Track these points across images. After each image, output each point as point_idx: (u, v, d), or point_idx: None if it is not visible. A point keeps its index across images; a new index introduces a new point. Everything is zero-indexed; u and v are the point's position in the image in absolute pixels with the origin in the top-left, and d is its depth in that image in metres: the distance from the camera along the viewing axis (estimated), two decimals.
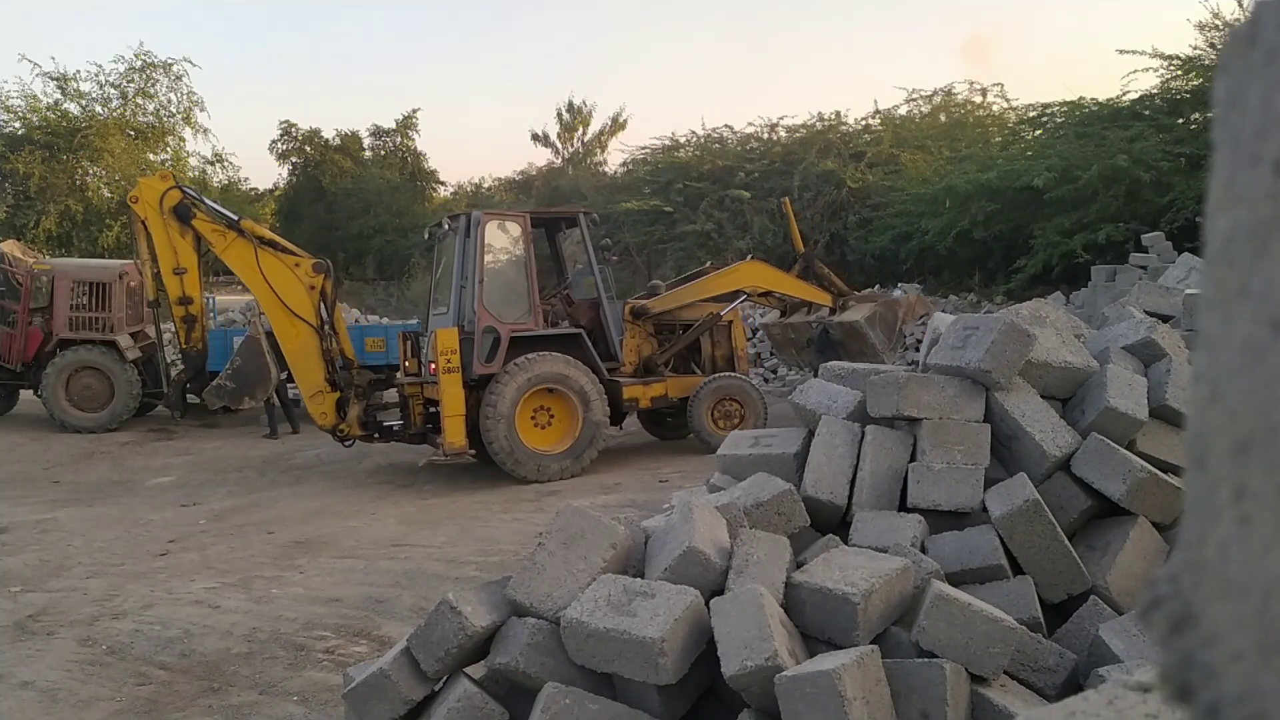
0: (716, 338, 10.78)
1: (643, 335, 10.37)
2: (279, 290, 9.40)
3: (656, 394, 10.13)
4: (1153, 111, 13.29)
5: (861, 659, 2.52)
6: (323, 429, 9.73)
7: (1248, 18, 0.44)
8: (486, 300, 9.22)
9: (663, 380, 10.19)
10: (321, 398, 9.50)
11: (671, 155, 21.61)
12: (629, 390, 9.88)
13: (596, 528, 3.14)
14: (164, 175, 9.94)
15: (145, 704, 4.39)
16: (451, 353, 8.91)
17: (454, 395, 8.94)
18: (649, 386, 10.08)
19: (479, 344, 9.15)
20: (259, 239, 9.50)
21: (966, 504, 3.45)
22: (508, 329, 9.27)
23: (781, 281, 10.99)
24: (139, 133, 23.29)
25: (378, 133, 32.09)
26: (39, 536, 7.72)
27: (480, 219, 9.38)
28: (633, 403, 10.00)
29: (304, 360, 9.51)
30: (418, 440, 9.95)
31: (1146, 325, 4.13)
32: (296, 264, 9.54)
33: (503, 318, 9.31)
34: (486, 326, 9.18)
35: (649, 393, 10.07)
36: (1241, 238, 0.42)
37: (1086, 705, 0.92)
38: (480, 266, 9.21)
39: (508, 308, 9.43)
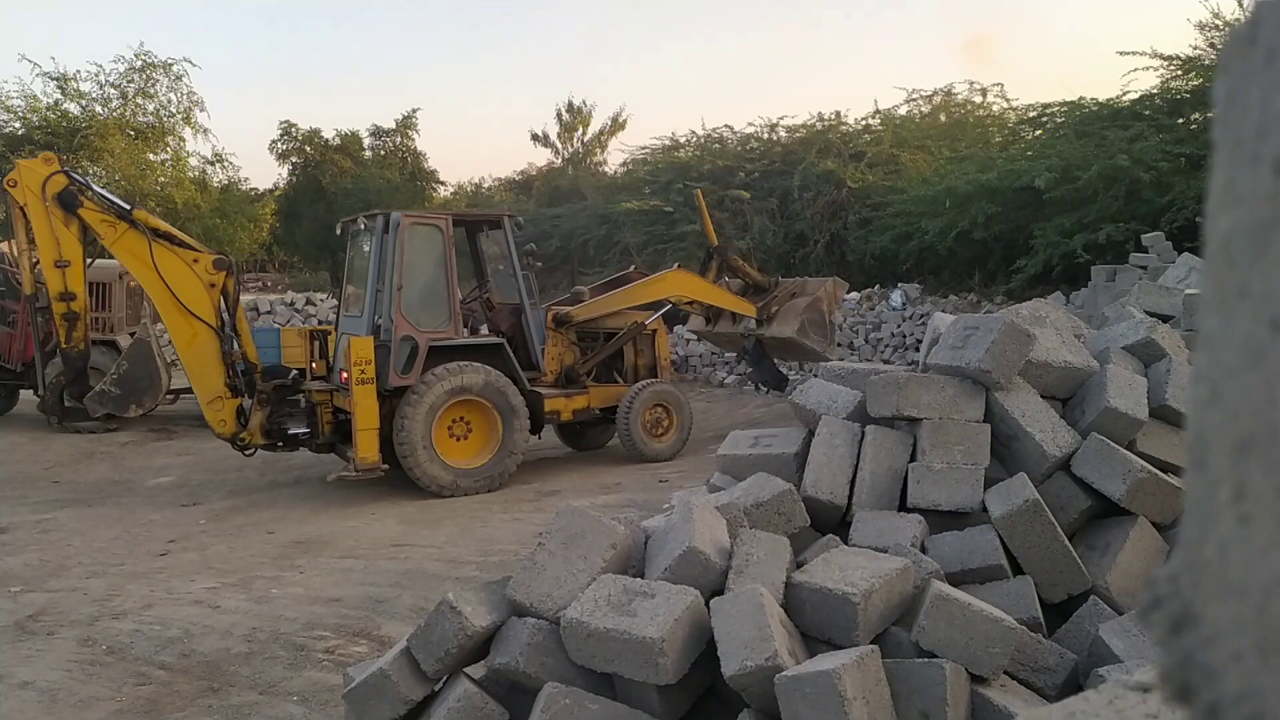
0: (640, 346, 10.58)
1: (565, 344, 10.05)
2: (174, 287, 8.69)
3: (579, 406, 9.83)
4: (1153, 111, 13.29)
5: (861, 659, 2.52)
6: (220, 437, 9.03)
7: (1248, 18, 0.44)
8: (405, 308, 8.79)
9: (585, 391, 9.90)
10: (220, 404, 8.85)
11: (671, 155, 21.60)
12: (551, 402, 9.54)
13: (596, 528, 3.14)
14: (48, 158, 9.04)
15: (145, 704, 4.39)
16: (366, 363, 8.43)
17: (367, 408, 8.46)
18: (571, 398, 9.77)
19: (395, 353, 8.70)
20: (153, 231, 8.76)
21: (966, 504, 3.45)
22: (426, 337, 8.86)
23: (707, 292, 10.69)
24: (139, 133, 23.26)
25: (378, 133, 32.05)
26: (39, 536, 7.72)
27: (400, 221, 8.97)
28: (554, 415, 9.68)
29: (201, 364, 8.81)
30: (325, 450, 9.44)
31: (1146, 325, 4.13)
32: (195, 259, 8.86)
33: (421, 325, 8.91)
34: (404, 335, 8.76)
35: (571, 404, 9.78)
36: (1241, 238, 0.42)
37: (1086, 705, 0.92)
38: (399, 272, 8.78)
39: (427, 315, 9.02)
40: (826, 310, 10.59)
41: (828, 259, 17.98)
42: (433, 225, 9.29)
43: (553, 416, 9.69)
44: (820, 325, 10.55)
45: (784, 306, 10.69)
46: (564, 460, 10.67)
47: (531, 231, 22.53)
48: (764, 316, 10.66)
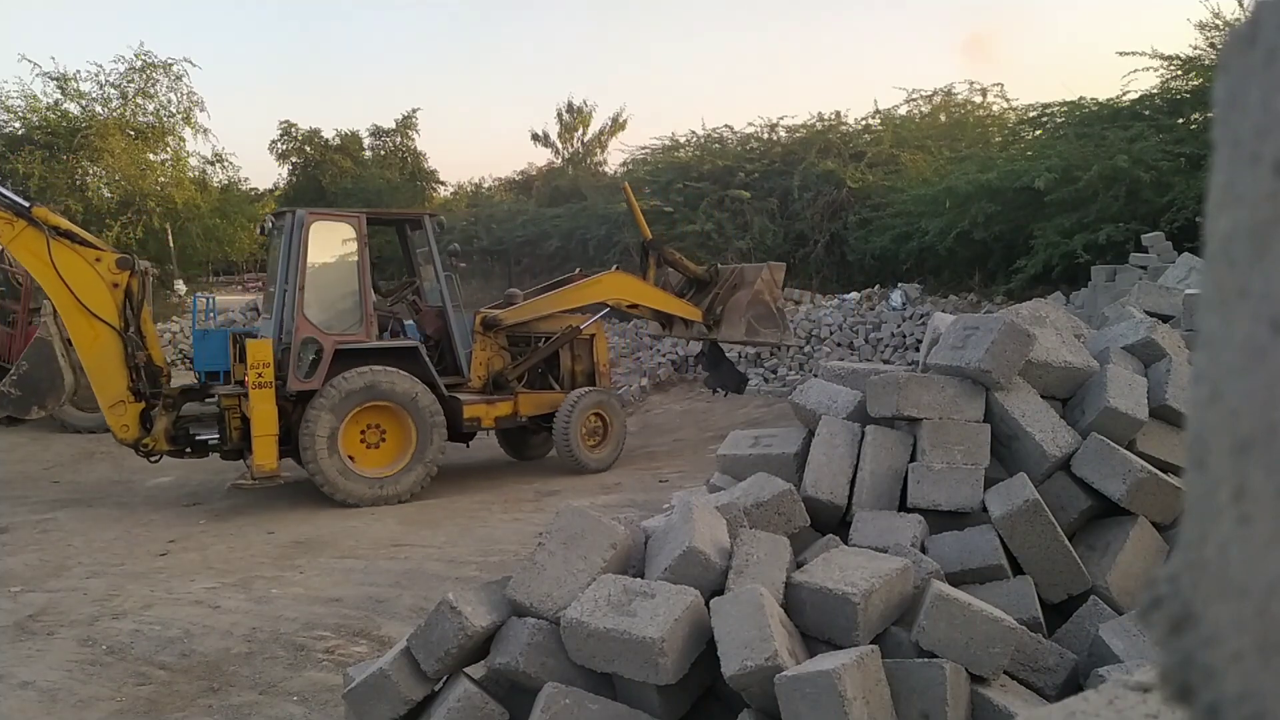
0: (577, 352, 10.20)
1: (494, 348, 9.65)
2: (75, 287, 8.32)
3: (502, 413, 9.42)
4: (1153, 111, 13.29)
5: (861, 659, 2.52)
6: (123, 443, 8.72)
7: (1248, 18, 0.44)
8: (308, 309, 8.55)
9: (510, 398, 9.50)
10: (122, 409, 8.52)
11: (671, 155, 21.59)
12: (470, 408, 9.16)
13: (596, 528, 3.14)
14: None
15: (145, 704, 4.39)
16: (264, 366, 8.24)
17: (265, 413, 8.23)
18: (493, 405, 9.36)
19: (295, 356, 8.45)
20: (54, 229, 8.36)
21: (966, 504, 3.45)
22: (333, 340, 8.58)
23: (647, 295, 10.16)
24: (139, 133, 23.26)
25: (378, 133, 32.07)
26: (39, 536, 7.72)
27: (304, 220, 8.69)
28: (474, 421, 9.27)
29: (103, 367, 8.48)
30: (234, 457, 9.13)
31: (1146, 325, 4.13)
32: (97, 258, 8.50)
33: (329, 328, 8.66)
34: (306, 338, 8.50)
35: (493, 411, 9.36)
36: (1241, 238, 0.42)
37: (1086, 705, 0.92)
38: (302, 272, 8.52)
39: (336, 317, 8.78)
40: (770, 300, 10.13)
41: (828, 259, 17.97)
42: (344, 224, 9.04)
43: (472, 423, 9.28)
44: (768, 317, 10.13)
45: (728, 306, 10.20)
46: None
47: (532, 231, 22.53)
48: (710, 321, 10.21)
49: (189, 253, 23.74)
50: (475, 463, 10.64)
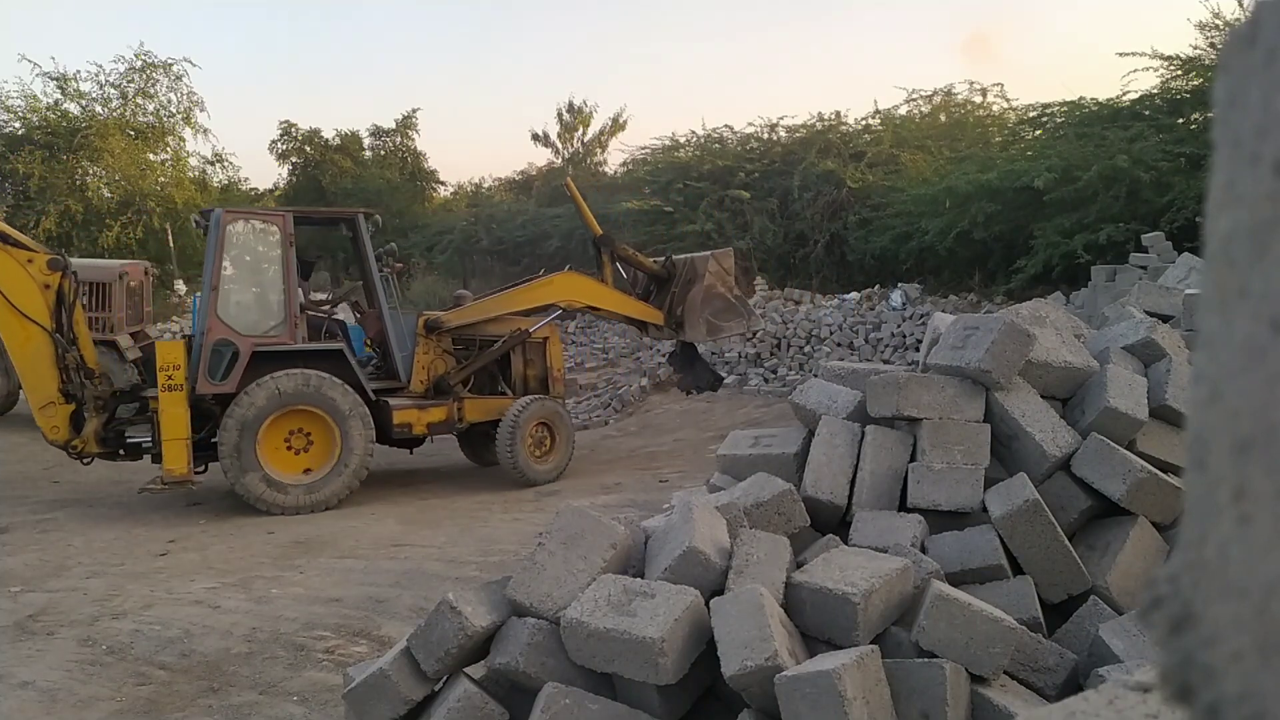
0: (529, 356, 9.76)
1: (437, 352, 9.28)
2: (6, 288, 8.23)
3: (435, 418, 9.03)
4: (1153, 111, 13.29)
5: (861, 659, 2.52)
6: (53, 444, 8.58)
7: (1248, 18, 0.44)
8: (226, 309, 8.40)
9: (444, 403, 9.08)
10: (53, 410, 8.38)
11: (671, 155, 21.59)
12: (401, 413, 8.82)
13: (596, 528, 3.14)
14: None
15: (145, 704, 4.39)
16: (174, 368, 8.11)
17: (175, 416, 8.10)
18: (425, 410, 8.97)
19: (205, 358, 8.26)
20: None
21: (966, 504, 3.46)
22: (250, 342, 8.38)
23: (601, 296, 9.65)
24: (139, 133, 23.27)
25: (378, 133, 32.09)
26: (39, 536, 7.72)
27: (221, 218, 8.51)
28: (405, 427, 8.88)
29: (34, 368, 8.36)
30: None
31: (1146, 325, 4.13)
32: (29, 259, 8.38)
33: (250, 329, 8.47)
34: (219, 339, 8.31)
35: (425, 417, 8.98)
36: (1241, 238, 0.42)
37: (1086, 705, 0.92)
38: (215, 272, 8.37)
39: (257, 318, 8.57)
40: (725, 289, 9.61)
41: (828, 259, 17.97)
42: (266, 224, 8.82)
43: (403, 430, 8.88)
44: (727, 309, 9.62)
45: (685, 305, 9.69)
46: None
47: (532, 231, 22.52)
48: (674, 324, 9.76)
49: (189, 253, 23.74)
50: (474, 462, 10.65)
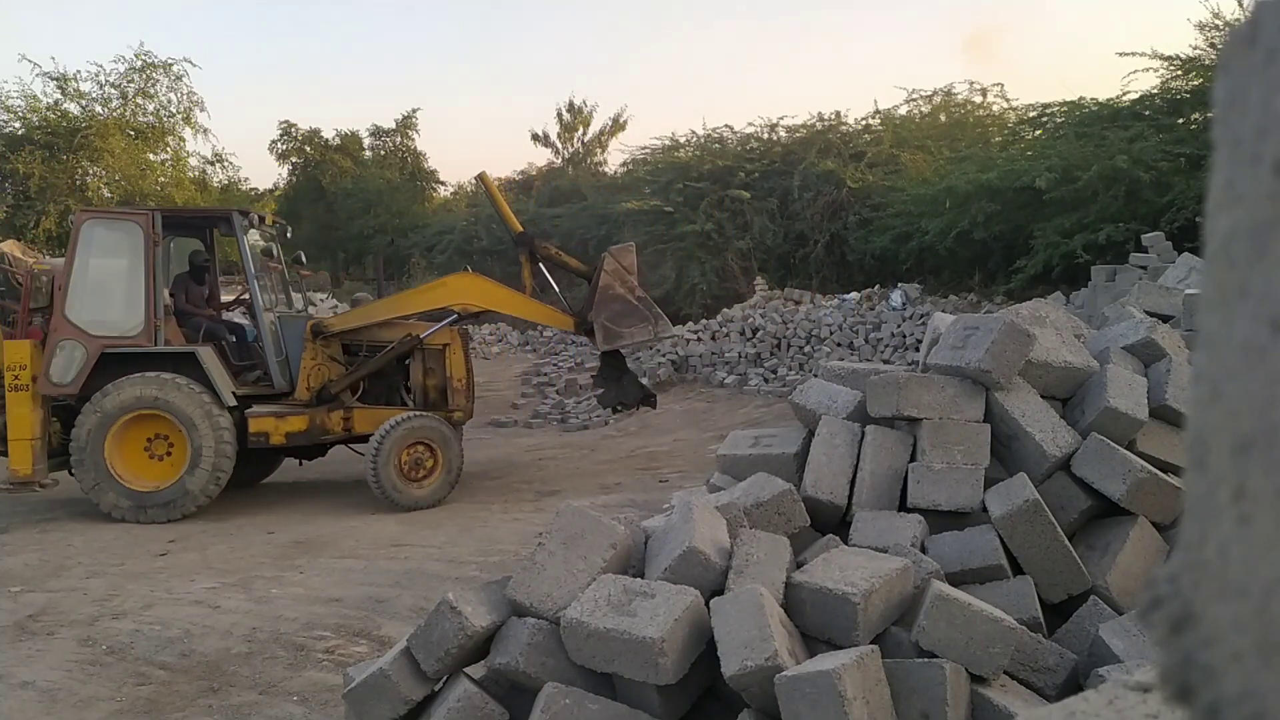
0: (429, 365, 9.06)
1: (323, 358, 8.82)
2: None
3: (294, 428, 8.49)
4: (1153, 112, 13.29)
5: (861, 659, 2.52)
6: None
7: (1248, 18, 0.44)
8: (71, 310, 8.18)
9: (306, 413, 8.56)
10: None
11: (671, 155, 21.60)
12: (257, 422, 8.36)
13: (596, 528, 3.14)
14: None
15: (145, 704, 4.39)
16: (20, 368, 7.97)
17: (19, 417, 7.95)
18: (283, 419, 8.47)
19: (49, 359, 8.09)
20: None
21: (966, 504, 3.45)
22: (99, 344, 8.15)
23: (499, 299, 8.98)
24: (139, 133, 23.27)
25: (378, 133, 32.12)
26: (39, 536, 7.72)
27: (77, 218, 8.37)
28: (261, 437, 8.40)
29: None
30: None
31: (1146, 325, 4.13)
32: None
33: (102, 331, 8.24)
34: (63, 339, 8.13)
35: (284, 426, 8.46)
36: (1241, 238, 0.42)
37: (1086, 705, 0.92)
38: (66, 272, 8.21)
39: (111, 320, 8.32)
40: (624, 290, 8.67)
41: (828, 259, 17.98)
42: (127, 223, 8.53)
43: (259, 438, 8.41)
44: (627, 313, 8.62)
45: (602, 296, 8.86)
46: (564, 460, 10.68)
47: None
48: (585, 329, 8.95)
49: None
50: (475, 463, 10.65)
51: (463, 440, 9.64)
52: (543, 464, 10.52)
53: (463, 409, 9.06)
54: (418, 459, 8.35)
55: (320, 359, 8.83)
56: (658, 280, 18.79)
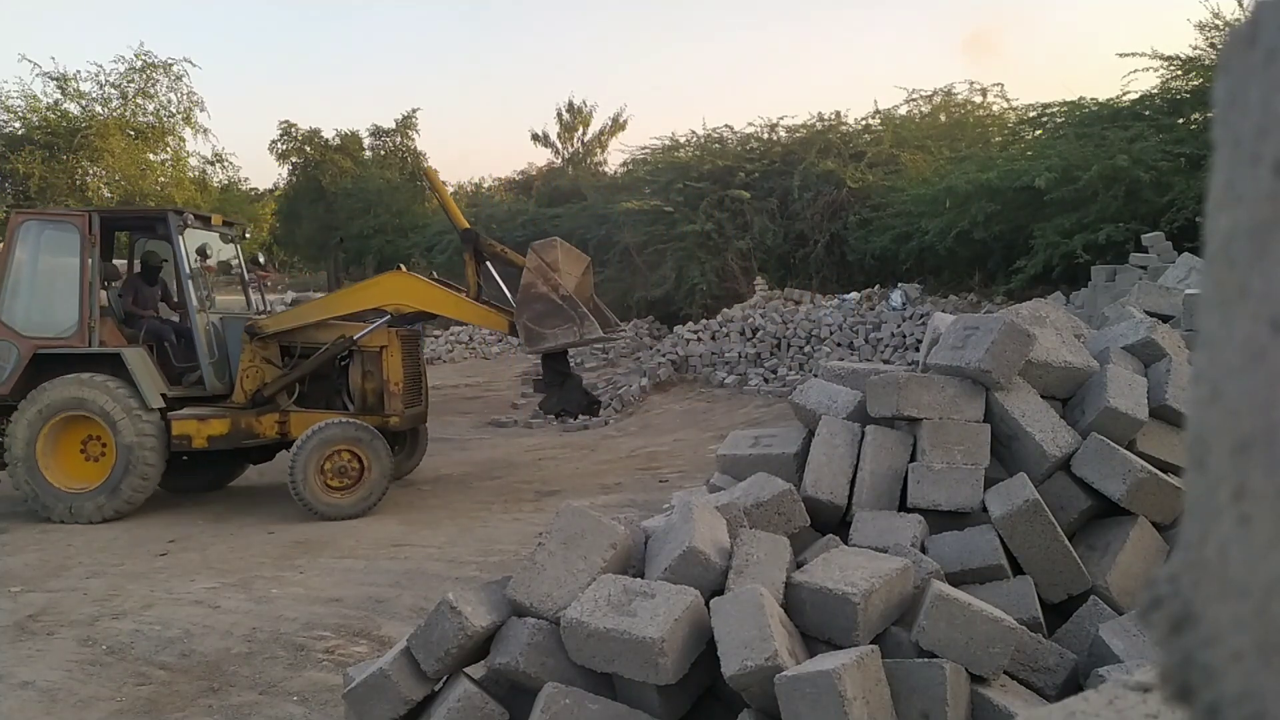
0: (367, 368, 8.68)
1: (259, 360, 8.61)
2: None
3: (216, 431, 8.27)
4: (1153, 112, 13.29)
5: (861, 659, 2.52)
6: None
7: (1248, 18, 0.44)
8: (11, 311, 8.24)
9: (227, 417, 8.35)
10: None
11: (671, 155, 21.60)
12: (179, 424, 8.18)
13: (596, 528, 3.14)
14: None
15: (145, 704, 4.39)
16: None
17: None
18: (205, 422, 8.26)
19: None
20: None
21: (966, 504, 3.46)
22: (31, 345, 8.17)
23: (433, 299, 8.56)
24: (139, 133, 23.27)
25: (378, 133, 32.13)
26: (39, 536, 7.72)
27: (12, 219, 8.43)
28: (183, 439, 8.22)
29: None
30: None
31: (1146, 325, 4.13)
32: None
33: (35, 332, 8.25)
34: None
35: (205, 429, 8.25)
36: (1241, 238, 0.42)
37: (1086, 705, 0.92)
38: (3, 273, 8.26)
39: (45, 321, 8.31)
40: (547, 289, 8.02)
41: (828, 259, 17.98)
42: (63, 224, 8.52)
43: (181, 441, 8.24)
44: (552, 313, 7.99)
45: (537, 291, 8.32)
46: (564, 460, 10.67)
47: (532, 231, 22.51)
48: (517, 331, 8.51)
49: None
50: (475, 463, 10.65)
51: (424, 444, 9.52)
52: (543, 464, 10.52)
53: (399, 414, 8.63)
54: (343, 467, 8.07)
55: (256, 361, 8.62)
56: (658, 280, 18.80)
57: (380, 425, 8.44)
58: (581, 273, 8.85)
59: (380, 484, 8.15)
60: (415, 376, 8.96)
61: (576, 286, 8.68)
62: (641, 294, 19.18)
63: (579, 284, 8.75)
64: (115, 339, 8.46)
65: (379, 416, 8.55)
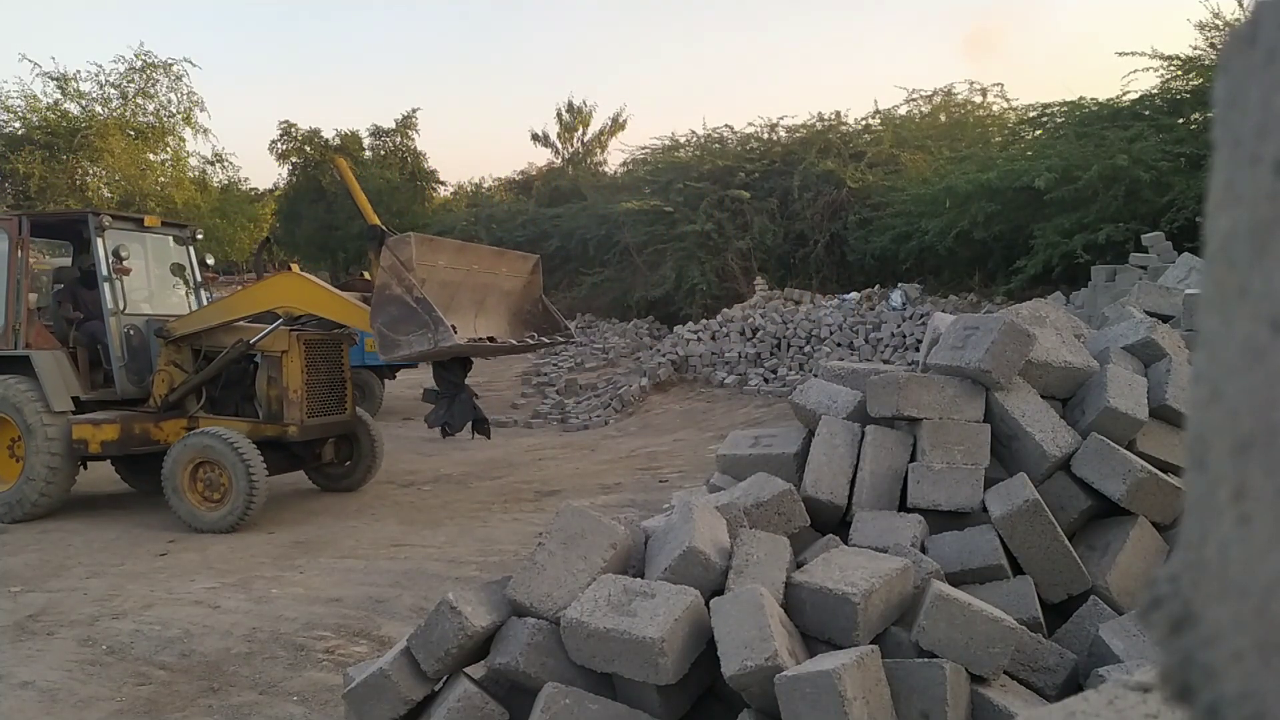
0: (271, 373, 8.26)
1: (170, 363, 8.45)
2: None
3: (108, 437, 8.09)
4: (1153, 111, 13.30)
5: (861, 659, 2.52)
6: None
7: (1248, 18, 0.44)
8: None
9: (116, 422, 8.14)
10: None
11: (671, 155, 21.61)
12: (77, 429, 8.06)
13: (596, 528, 3.14)
14: None
15: (145, 704, 4.39)
16: None
17: None
18: (99, 427, 8.08)
19: None
20: None
21: (966, 504, 3.45)
22: None
23: (321, 302, 8.09)
24: (139, 133, 23.27)
25: (378, 133, 32.10)
26: (39, 536, 7.72)
27: None
28: (80, 444, 8.08)
29: None
30: None
31: (1146, 325, 4.13)
32: None
33: None
34: None
35: (99, 434, 8.07)
36: (1241, 238, 0.42)
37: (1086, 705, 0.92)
38: None
39: None
40: (402, 290, 7.16)
41: (828, 259, 17.99)
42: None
43: (79, 446, 8.11)
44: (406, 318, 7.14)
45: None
46: (564, 460, 10.68)
47: (532, 231, 22.50)
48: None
49: None
50: (475, 463, 10.65)
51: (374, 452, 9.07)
52: (543, 464, 10.53)
53: (298, 424, 8.17)
54: (212, 480, 7.80)
55: (168, 364, 8.45)
56: (658, 280, 18.81)
57: (279, 435, 8.22)
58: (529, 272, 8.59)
59: (247, 498, 7.65)
60: (330, 383, 8.57)
61: (525, 286, 8.47)
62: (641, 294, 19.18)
63: (528, 283, 8.53)
64: (44, 341, 8.44)
65: (279, 425, 8.22)
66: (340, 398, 8.71)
